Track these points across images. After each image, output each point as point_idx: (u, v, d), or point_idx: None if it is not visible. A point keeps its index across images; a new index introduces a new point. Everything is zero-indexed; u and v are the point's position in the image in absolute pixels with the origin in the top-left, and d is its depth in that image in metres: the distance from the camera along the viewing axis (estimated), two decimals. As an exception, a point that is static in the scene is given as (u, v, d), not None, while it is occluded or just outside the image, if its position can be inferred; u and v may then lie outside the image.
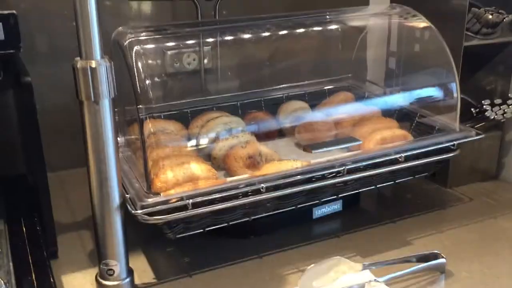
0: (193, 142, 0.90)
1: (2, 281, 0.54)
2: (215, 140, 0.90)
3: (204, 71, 1.07)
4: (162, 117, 0.93)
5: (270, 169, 0.80)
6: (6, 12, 0.64)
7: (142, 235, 0.83)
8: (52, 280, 0.59)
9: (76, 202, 0.97)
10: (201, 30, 0.95)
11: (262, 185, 0.74)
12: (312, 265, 0.71)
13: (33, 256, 0.64)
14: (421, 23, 0.97)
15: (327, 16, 1.05)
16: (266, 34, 1.03)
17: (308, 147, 0.82)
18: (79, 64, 0.61)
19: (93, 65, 0.61)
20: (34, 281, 0.59)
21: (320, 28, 1.10)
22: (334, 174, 0.80)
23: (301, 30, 1.07)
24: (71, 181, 1.06)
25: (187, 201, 0.70)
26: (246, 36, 1.02)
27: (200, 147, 0.89)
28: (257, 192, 0.74)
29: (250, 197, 0.74)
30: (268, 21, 1.01)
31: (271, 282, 0.75)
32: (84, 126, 0.64)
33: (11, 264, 0.60)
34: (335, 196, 0.86)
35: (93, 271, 0.75)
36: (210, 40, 1.05)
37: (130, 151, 0.86)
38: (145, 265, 0.79)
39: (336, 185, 0.82)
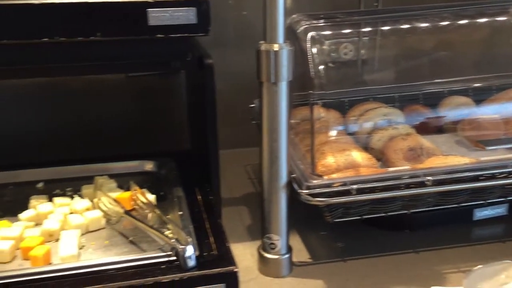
0: (350, 130, 0.91)
1: (189, 239, 0.60)
2: (373, 130, 0.89)
3: (362, 61, 1.06)
4: (321, 104, 0.94)
5: (435, 163, 0.77)
6: (200, -2, 0.70)
7: (297, 217, 0.86)
8: (227, 245, 0.64)
9: (232, 181, 1.04)
10: (369, 19, 0.95)
11: (428, 178, 0.72)
12: (479, 266, 0.67)
13: (209, 222, 0.70)
14: None
15: (496, 6, 0.97)
16: (428, 25, 0.99)
17: (480, 143, 0.78)
18: (263, 47, 0.65)
19: (276, 48, 0.65)
20: (211, 244, 0.64)
21: (487, 19, 1.03)
22: (505, 174, 0.75)
23: (466, 21, 1.01)
24: (225, 161, 1.14)
25: (351, 186, 0.70)
26: (407, 26, 0.99)
27: (357, 136, 0.90)
28: (421, 185, 0.73)
29: (413, 189, 0.73)
30: (430, 11, 0.97)
31: (429, 278, 0.73)
32: (261, 106, 0.69)
33: (191, 226, 0.67)
34: (502, 199, 0.80)
35: (252, 244, 0.80)
36: (369, 29, 1.04)
37: (292, 134, 0.89)
38: (300, 245, 0.81)
39: (505, 187, 0.77)
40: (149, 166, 0.88)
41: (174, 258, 0.60)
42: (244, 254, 0.79)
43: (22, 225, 0.67)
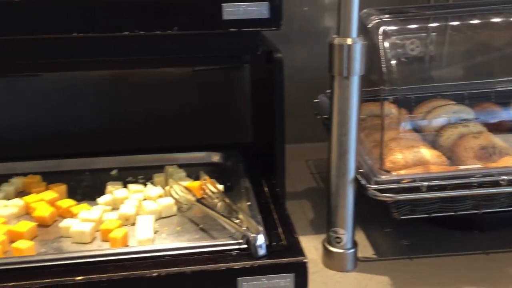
0: (418, 127, 0.89)
1: (260, 228, 0.62)
2: (442, 128, 0.87)
3: (430, 57, 1.04)
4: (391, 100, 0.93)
5: (509, 163, 0.75)
6: None
7: (361, 213, 0.86)
8: (296, 236, 0.65)
9: (294, 175, 1.04)
10: (440, 14, 0.93)
11: (503, 177, 0.69)
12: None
13: (277, 213, 0.71)
14: None
15: None
16: (501, 19, 0.95)
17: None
18: (336, 41, 0.66)
19: (349, 43, 0.65)
20: (280, 234, 0.65)
21: None
22: None
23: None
24: (287, 155, 1.15)
25: (421, 183, 0.69)
26: (478, 21, 0.96)
27: (425, 133, 0.88)
28: (494, 184, 0.71)
29: (486, 188, 0.71)
30: (504, 6, 0.94)
31: (500, 281, 0.70)
32: (332, 100, 0.69)
33: (259, 216, 0.68)
34: None
35: (315, 238, 0.81)
36: (439, 24, 1.01)
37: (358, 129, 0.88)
38: (364, 240, 0.81)
39: None
40: (215, 157, 0.91)
41: (245, 246, 0.62)
42: (307, 247, 0.79)
43: (101, 209, 0.71)
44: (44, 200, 0.73)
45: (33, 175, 0.82)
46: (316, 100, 0.97)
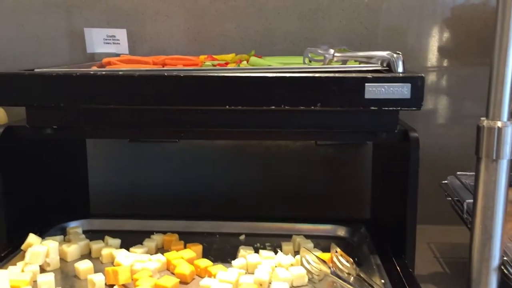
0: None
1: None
2: None
3: None
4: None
5: None
6: (416, 75, 0.74)
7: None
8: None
9: (417, 256, 1.00)
10: None
11: None
12: None
13: (412, 292, 0.69)
14: None
15: None
16: None
17: None
18: (485, 123, 0.66)
19: (500, 125, 0.65)
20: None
21: None
22: None
23: None
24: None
25: None
26: None
27: None
28: None
29: None
30: None
31: None
32: (477, 182, 0.68)
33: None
34: None
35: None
36: None
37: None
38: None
39: None
40: (341, 231, 0.91)
41: (386, 325, 0.60)
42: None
43: (236, 272, 0.74)
44: (184, 258, 0.78)
45: (171, 233, 0.88)
46: (445, 182, 0.95)
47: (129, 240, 0.86)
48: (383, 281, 0.71)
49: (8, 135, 0.83)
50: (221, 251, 0.84)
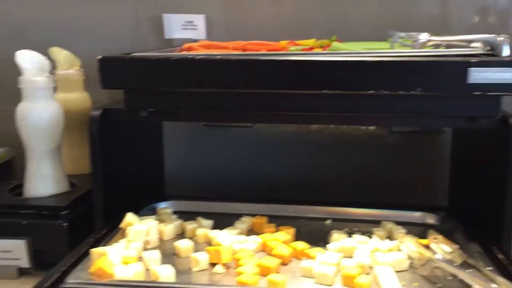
0: None
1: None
2: None
3: None
4: None
5: None
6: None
7: None
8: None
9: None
10: None
11: None
12: None
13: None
14: None
15: None
16: None
17: None
18: None
19: None
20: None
21: None
22: None
23: None
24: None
25: None
26: None
27: None
28: None
29: None
30: None
31: None
32: None
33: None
34: None
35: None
36: None
37: None
38: None
39: None
40: (431, 219, 0.90)
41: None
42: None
43: (337, 255, 0.74)
44: (279, 240, 0.79)
45: (260, 216, 0.89)
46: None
47: (217, 222, 0.87)
48: (489, 268, 0.70)
49: (104, 118, 0.86)
50: (311, 235, 0.85)
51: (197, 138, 1.20)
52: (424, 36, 0.85)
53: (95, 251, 0.73)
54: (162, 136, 1.16)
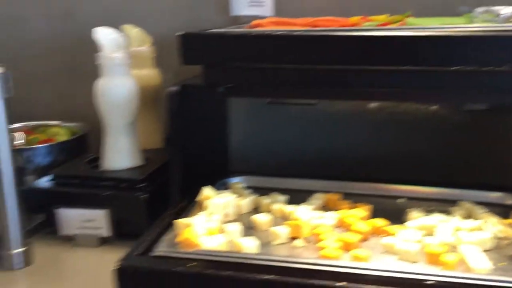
0: None
1: None
2: None
3: None
4: None
5: None
6: None
7: None
8: None
9: None
10: None
11: None
12: None
13: None
14: None
15: None
16: None
17: None
18: None
19: None
20: None
21: None
22: None
23: None
24: None
25: None
26: None
27: None
28: None
29: None
30: None
31: None
32: None
33: None
34: None
35: None
36: None
37: None
38: None
39: None
40: (509, 199, 0.88)
41: None
42: None
43: (419, 232, 0.73)
44: (356, 217, 0.79)
45: (333, 193, 0.89)
46: None
47: (290, 198, 0.88)
48: None
49: (182, 94, 0.87)
50: (385, 213, 0.84)
51: (260, 116, 1.20)
52: (508, 10, 0.82)
53: (180, 222, 0.75)
54: (229, 112, 1.17)
